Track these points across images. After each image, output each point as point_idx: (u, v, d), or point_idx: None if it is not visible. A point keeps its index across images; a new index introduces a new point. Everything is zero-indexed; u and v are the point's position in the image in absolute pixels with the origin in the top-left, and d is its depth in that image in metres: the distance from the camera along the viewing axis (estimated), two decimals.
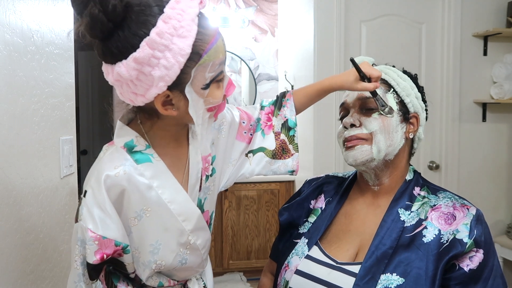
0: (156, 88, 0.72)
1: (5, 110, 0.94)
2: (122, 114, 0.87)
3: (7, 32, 0.95)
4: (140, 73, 0.71)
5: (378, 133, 0.91)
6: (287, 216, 1.07)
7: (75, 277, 0.80)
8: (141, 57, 0.69)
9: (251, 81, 3.55)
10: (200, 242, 0.89)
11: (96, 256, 0.77)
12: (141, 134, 0.84)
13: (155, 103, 0.76)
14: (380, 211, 0.93)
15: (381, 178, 0.95)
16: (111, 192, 0.79)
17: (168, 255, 0.86)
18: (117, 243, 0.79)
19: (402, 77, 0.98)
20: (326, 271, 0.88)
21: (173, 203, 0.83)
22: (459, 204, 0.89)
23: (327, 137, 2.63)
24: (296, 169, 1.05)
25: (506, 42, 2.76)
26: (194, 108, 0.77)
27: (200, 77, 0.75)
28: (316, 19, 2.60)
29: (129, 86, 0.74)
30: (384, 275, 0.82)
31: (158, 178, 0.82)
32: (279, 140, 1.04)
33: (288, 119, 1.04)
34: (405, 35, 2.70)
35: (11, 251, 0.97)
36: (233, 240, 3.11)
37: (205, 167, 0.92)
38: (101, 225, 0.77)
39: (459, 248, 0.82)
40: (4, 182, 0.94)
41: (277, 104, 1.07)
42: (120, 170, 0.79)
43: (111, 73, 0.74)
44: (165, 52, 0.69)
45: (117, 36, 0.70)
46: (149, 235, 0.83)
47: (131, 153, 0.82)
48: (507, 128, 2.83)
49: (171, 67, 0.70)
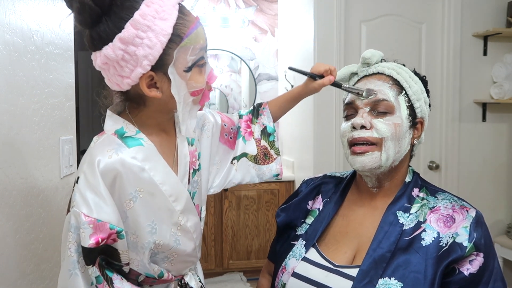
0: (141, 68, 0.78)
1: (5, 110, 0.94)
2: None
3: (7, 32, 0.95)
4: (125, 53, 0.77)
5: (389, 139, 0.88)
6: (284, 217, 1.05)
7: (69, 265, 0.79)
8: (125, 36, 0.75)
9: (251, 81, 3.55)
10: (190, 224, 0.91)
11: (91, 240, 0.77)
12: (130, 122, 0.88)
13: (140, 85, 0.80)
14: (378, 213, 0.92)
15: (381, 182, 0.93)
16: (105, 177, 0.80)
17: (165, 234, 0.88)
18: (112, 227, 0.79)
19: (414, 79, 0.94)
20: (323, 274, 0.87)
21: (164, 184, 0.86)
22: (459, 206, 0.87)
23: (327, 136, 2.63)
24: (280, 173, 1.13)
25: (506, 42, 2.76)
26: (176, 89, 0.81)
27: (182, 60, 0.80)
28: (316, 19, 2.60)
29: (115, 69, 0.79)
30: (382, 279, 0.81)
31: (150, 161, 0.85)
32: (260, 146, 1.12)
33: (266, 125, 1.13)
34: (405, 35, 2.70)
35: (11, 251, 0.97)
36: (233, 240, 3.11)
37: (192, 161, 0.95)
38: (96, 209, 0.78)
39: (458, 252, 0.80)
40: (4, 182, 0.94)
41: (254, 112, 1.15)
42: (113, 154, 0.82)
43: (99, 57, 0.79)
44: (147, 33, 0.76)
45: (105, 21, 0.76)
46: (145, 216, 0.85)
47: (122, 138, 0.85)
48: (507, 128, 2.83)
49: (154, 46, 0.76)
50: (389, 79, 0.93)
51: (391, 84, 0.92)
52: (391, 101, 0.90)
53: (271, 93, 3.59)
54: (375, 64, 0.98)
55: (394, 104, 0.90)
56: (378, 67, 0.96)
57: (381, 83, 0.92)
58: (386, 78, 0.94)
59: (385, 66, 0.96)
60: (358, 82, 0.98)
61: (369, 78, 0.96)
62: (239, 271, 3.18)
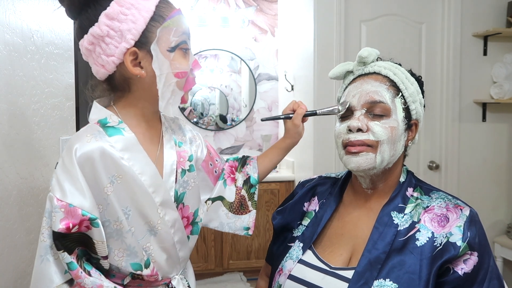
0: (125, 42, 0.83)
1: (5, 110, 0.94)
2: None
3: (7, 32, 0.95)
4: (110, 29, 0.82)
5: (384, 142, 0.87)
6: (281, 220, 1.05)
7: (41, 250, 0.79)
8: (110, 12, 0.82)
9: (251, 81, 3.55)
10: (168, 218, 0.90)
11: (61, 224, 0.77)
12: (115, 114, 0.90)
13: (125, 62, 0.84)
14: (373, 214, 0.91)
15: (375, 183, 0.93)
16: (82, 164, 0.81)
17: (138, 222, 0.87)
18: (84, 213, 0.79)
19: (410, 80, 0.92)
20: (319, 276, 0.87)
21: (143, 175, 0.87)
22: (453, 205, 0.87)
23: (327, 136, 2.63)
24: (251, 227, 1.11)
25: (506, 42, 2.76)
26: (158, 65, 0.85)
27: (165, 39, 0.85)
28: (316, 19, 2.60)
29: (101, 48, 0.84)
30: (377, 280, 0.81)
31: (129, 151, 0.86)
32: (239, 195, 1.10)
33: (250, 176, 1.12)
34: (405, 35, 2.70)
35: (11, 251, 0.97)
36: (233, 240, 3.11)
37: (179, 161, 0.95)
38: (69, 194, 0.79)
39: (452, 252, 0.80)
40: (4, 182, 0.94)
41: (241, 161, 1.15)
42: (92, 139, 0.83)
43: (86, 40, 0.85)
44: (131, 10, 0.83)
45: (92, 5, 0.84)
46: (120, 202, 0.85)
47: (103, 127, 0.87)
48: (507, 128, 2.83)
49: (137, 21, 0.83)
50: (386, 80, 0.92)
51: (388, 86, 0.91)
52: (387, 103, 0.89)
53: (271, 93, 3.59)
54: (371, 63, 0.96)
55: (391, 106, 0.89)
56: (375, 66, 0.95)
57: (378, 84, 0.91)
58: (383, 79, 0.92)
59: (381, 66, 0.94)
60: (354, 81, 0.96)
61: (365, 78, 0.94)
62: (239, 271, 3.18)
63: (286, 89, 3.23)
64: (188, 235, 0.98)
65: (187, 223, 0.97)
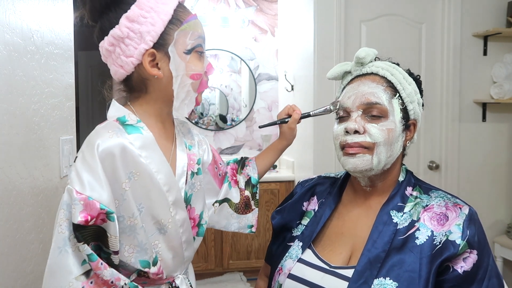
0: (144, 43, 0.86)
1: (5, 110, 0.94)
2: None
3: (7, 32, 0.95)
4: (130, 30, 0.85)
5: (381, 144, 0.87)
6: (280, 219, 1.05)
7: (59, 242, 0.79)
8: (131, 15, 0.85)
9: (251, 81, 3.55)
10: (178, 217, 0.92)
11: (80, 216, 0.78)
12: (132, 113, 0.92)
13: (143, 63, 0.87)
14: (372, 213, 0.92)
15: (374, 181, 0.93)
16: (103, 159, 0.82)
17: (149, 220, 0.89)
18: (102, 206, 0.80)
19: (408, 80, 0.93)
20: (319, 275, 0.87)
21: (159, 173, 0.89)
22: (452, 203, 0.87)
23: (327, 136, 2.63)
24: (254, 224, 1.16)
25: (506, 42, 2.76)
26: (175, 66, 0.88)
27: (182, 42, 0.89)
28: (316, 19, 2.60)
29: (121, 49, 0.87)
30: (377, 279, 0.81)
31: (147, 149, 0.88)
32: (243, 196, 1.15)
33: (251, 177, 1.16)
34: (405, 35, 2.70)
35: (11, 251, 0.97)
36: (233, 240, 3.11)
37: (189, 163, 0.97)
38: (89, 187, 0.80)
39: (451, 250, 0.80)
40: (4, 182, 0.94)
41: (240, 163, 1.19)
42: (114, 135, 0.84)
43: (106, 41, 0.88)
44: (151, 13, 0.86)
45: (113, 8, 0.87)
46: (136, 198, 0.86)
47: (123, 125, 0.88)
48: (507, 128, 2.83)
49: (156, 23, 0.86)
50: (383, 80, 0.92)
51: (385, 87, 0.91)
52: (384, 105, 0.89)
53: (271, 93, 3.59)
54: (369, 63, 0.96)
55: (388, 108, 0.89)
56: (372, 66, 0.95)
57: (375, 85, 0.91)
58: (380, 80, 0.92)
59: (379, 66, 0.94)
60: (351, 82, 0.96)
61: (362, 78, 0.94)
62: (239, 271, 3.18)
63: (286, 89, 3.23)
64: (194, 236, 0.99)
65: (194, 224, 0.99)
